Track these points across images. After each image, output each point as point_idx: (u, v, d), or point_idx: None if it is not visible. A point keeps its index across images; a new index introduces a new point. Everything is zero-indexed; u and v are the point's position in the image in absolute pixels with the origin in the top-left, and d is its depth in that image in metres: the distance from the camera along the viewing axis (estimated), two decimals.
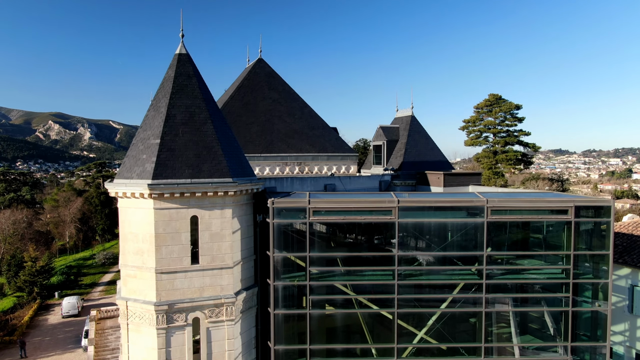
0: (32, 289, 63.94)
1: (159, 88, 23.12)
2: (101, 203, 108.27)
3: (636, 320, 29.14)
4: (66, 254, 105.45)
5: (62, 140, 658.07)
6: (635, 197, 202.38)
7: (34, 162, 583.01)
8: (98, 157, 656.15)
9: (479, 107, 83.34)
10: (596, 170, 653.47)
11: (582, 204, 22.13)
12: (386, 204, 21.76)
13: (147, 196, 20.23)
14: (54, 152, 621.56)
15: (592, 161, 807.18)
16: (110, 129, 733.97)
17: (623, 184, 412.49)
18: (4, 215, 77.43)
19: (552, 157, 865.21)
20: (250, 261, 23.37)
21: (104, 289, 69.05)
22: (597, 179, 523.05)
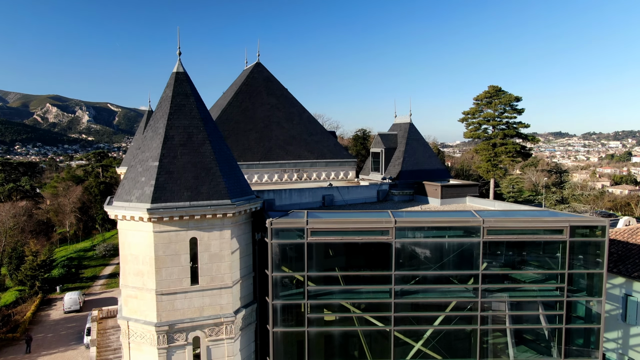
0: (33, 283, 64.51)
1: (156, 107, 23.11)
2: (100, 193, 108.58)
3: (629, 329, 29.63)
4: (66, 244, 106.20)
5: (61, 123, 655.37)
6: (634, 183, 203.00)
7: (32, 145, 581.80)
8: (97, 140, 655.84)
9: (478, 99, 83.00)
10: (596, 153, 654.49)
11: (577, 224, 22.36)
12: (383, 224, 21.97)
13: (147, 220, 20.40)
14: (52, 135, 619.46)
15: (592, 144, 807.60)
16: (109, 112, 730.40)
17: (622, 168, 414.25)
18: (4, 208, 77.65)
19: (551, 140, 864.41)
20: (249, 278, 23.68)
21: (105, 282, 69.68)
22: (596, 162, 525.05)
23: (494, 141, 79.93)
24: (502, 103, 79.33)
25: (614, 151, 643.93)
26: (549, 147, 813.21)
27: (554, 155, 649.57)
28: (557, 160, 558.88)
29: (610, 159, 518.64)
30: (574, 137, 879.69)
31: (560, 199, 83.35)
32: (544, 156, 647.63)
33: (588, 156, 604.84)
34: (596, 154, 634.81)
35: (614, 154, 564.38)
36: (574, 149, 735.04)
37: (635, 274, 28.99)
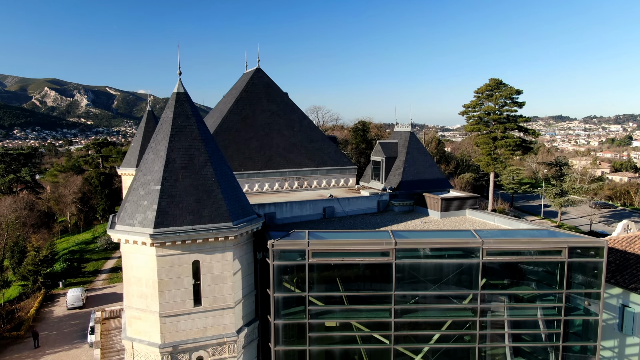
0: (36, 278, 65.10)
1: (157, 128, 23.12)
2: (101, 184, 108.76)
3: (625, 339, 30.08)
4: (68, 234, 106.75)
5: (59, 107, 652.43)
6: (634, 169, 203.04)
7: (31, 129, 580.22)
8: (96, 125, 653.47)
9: (479, 92, 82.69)
10: (596, 137, 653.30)
11: (575, 245, 22.59)
12: (384, 246, 22.20)
13: (149, 245, 20.60)
14: (50, 119, 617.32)
15: (593, 128, 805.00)
16: (107, 96, 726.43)
17: (622, 152, 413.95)
18: (5, 202, 77.90)
19: (552, 124, 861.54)
20: (251, 297, 23.99)
21: (107, 277, 70.27)
22: (596, 146, 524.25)
23: (494, 135, 79.85)
24: (503, 96, 79.07)
25: (615, 135, 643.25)
26: (550, 130, 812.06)
27: (554, 139, 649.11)
28: (558, 145, 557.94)
29: (611, 143, 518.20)
30: (575, 120, 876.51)
31: (559, 192, 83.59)
32: (544, 140, 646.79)
33: (588, 140, 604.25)
34: (597, 138, 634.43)
35: (615, 138, 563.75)
36: (575, 133, 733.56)
37: (632, 285, 29.31)
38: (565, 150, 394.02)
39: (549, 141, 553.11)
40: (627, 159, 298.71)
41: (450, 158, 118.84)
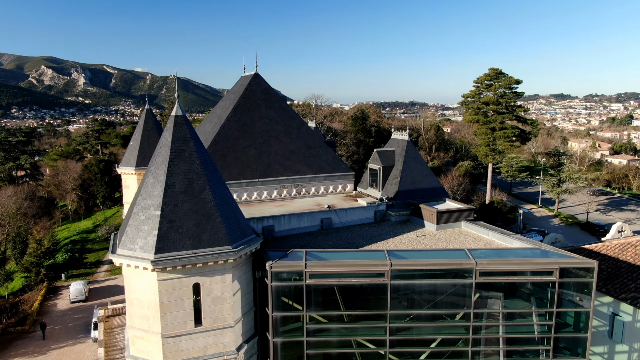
0: (39, 270, 66.02)
1: (156, 151, 23.39)
2: (100, 171, 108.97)
3: (614, 346, 30.97)
4: (68, 221, 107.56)
5: (56, 85, 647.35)
6: (633, 151, 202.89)
7: (29, 108, 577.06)
8: (94, 104, 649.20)
9: (478, 82, 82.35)
10: (597, 116, 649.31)
11: (566, 266, 23.15)
12: (379, 267, 22.74)
13: (151, 270, 21.12)
14: (48, 98, 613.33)
15: (594, 106, 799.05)
16: (105, 74, 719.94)
17: (623, 131, 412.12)
18: (6, 193, 78.34)
19: (553, 102, 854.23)
20: (251, 313, 24.65)
21: (109, 268, 71.19)
22: (597, 125, 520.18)
23: (493, 125, 79.86)
24: (502, 86, 78.79)
25: (616, 114, 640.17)
26: (550, 109, 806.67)
27: (555, 118, 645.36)
28: (558, 124, 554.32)
29: (611, 122, 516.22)
30: (576, 99, 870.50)
31: (557, 182, 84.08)
32: (544, 119, 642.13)
33: (589, 119, 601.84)
34: (597, 116, 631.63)
35: (615, 117, 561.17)
36: (575, 112, 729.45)
37: (622, 295, 30.01)
38: (565, 130, 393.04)
39: (550, 120, 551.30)
40: (627, 140, 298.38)
41: (450, 145, 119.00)
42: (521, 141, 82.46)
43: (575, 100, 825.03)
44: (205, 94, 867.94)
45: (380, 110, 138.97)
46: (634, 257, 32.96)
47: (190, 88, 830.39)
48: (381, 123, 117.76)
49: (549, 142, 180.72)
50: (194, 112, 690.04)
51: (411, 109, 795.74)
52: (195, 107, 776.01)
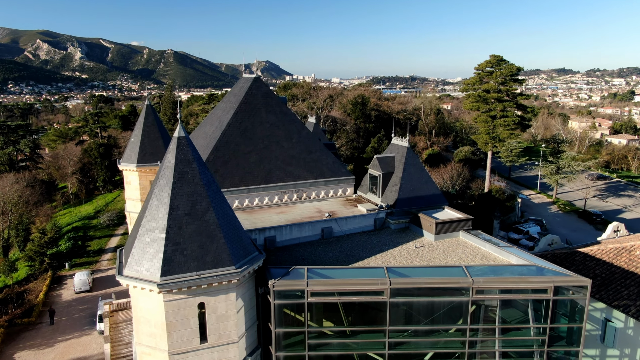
0: (42, 259, 67.01)
1: (159, 172, 23.71)
2: (100, 155, 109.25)
3: (606, 350, 31.99)
4: (69, 205, 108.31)
5: (53, 60, 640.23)
6: (633, 130, 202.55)
7: (25, 84, 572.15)
8: (91, 78, 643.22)
9: (479, 69, 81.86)
10: (598, 92, 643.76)
11: (561, 284, 23.81)
12: (379, 286, 23.41)
13: (157, 292, 21.75)
14: (44, 73, 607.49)
15: (595, 81, 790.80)
16: (102, 48, 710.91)
17: (624, 107, 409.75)
18: (7, 181, 78.73)
19: (554, 77, 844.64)
20: (254, 327, 25.42)
21: (111, 256, 72.21)
22: (598, 101, 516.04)
23: (494, 113, 79.77)
24: (503, 74, 78.39)
25: (617, 89, 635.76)
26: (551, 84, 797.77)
27: (556, 93, 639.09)
28: (559, 99, 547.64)
29: (613, 98, 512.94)
30: (578, 73, 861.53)
31: (556, 170, 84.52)
32: (545, 94, 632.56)
33: (590, 94, 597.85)
34: (599, 92, 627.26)
35: (617, 93, 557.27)
36: (577, 87, 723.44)
37: (615, 302, 30.85)
38: (566, 106, 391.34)
39: (551, 95, 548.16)
40: (628, 117, 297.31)
41: (450, 129, 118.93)
42: (521, 129, 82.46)
43: (577, 75, 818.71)
44: (204, 68, 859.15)
45: (380, 92, 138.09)
46: (628, 262, 33.67)
47: (188, 62, 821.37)
48: (381, 106, 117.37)
49: (549, 121, 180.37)
50: (192, 87, 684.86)
51: (411, 84, 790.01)
52: (194, 82, 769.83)
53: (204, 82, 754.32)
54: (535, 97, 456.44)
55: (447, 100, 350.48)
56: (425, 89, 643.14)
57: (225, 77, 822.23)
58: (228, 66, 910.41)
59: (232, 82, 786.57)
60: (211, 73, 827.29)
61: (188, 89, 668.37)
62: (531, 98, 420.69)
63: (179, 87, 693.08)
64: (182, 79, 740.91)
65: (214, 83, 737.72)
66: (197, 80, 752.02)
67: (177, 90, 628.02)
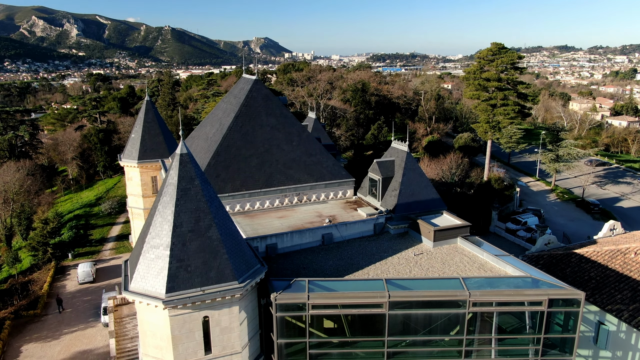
0: (46, 249, 67.81)
1: (162, 189, 24.04)
2: (100, 141, 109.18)
3: (599, 351, 32.92)
4: (70, 190, 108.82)
5: (49, 37, 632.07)
6: (634, 111, 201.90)
7: (22, 61, 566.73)
8: (88, 56, 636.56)
9: (480, 57, 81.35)
10: (600, 69, 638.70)
11: (555, 297, 24.47)
12: (378, 299, 24.05)
13: (162, 308, 22.38)
14: (41, 50, 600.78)
15: (598, 59, 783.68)
16: (98, 25, 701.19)
17: (625, 86, 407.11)
18: (9, 170, 78.98)
19: (556, 54, 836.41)
20: (257, 336, 26.16)
21: (114, 246, 73.04)
22: (600, 79, 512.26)
23: (494, 102, 79.60)
24: (504, 62, 77.96)
25: (620, 67, 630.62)
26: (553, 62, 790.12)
27: (558, 71, 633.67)
28: (561, 77, 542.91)
29: (615, 76, 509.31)
30: (580, 51, 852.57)
31: (555, 158, 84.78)
32: (547, 72, 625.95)
33: (592, 72, 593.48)
34: (601, 69, 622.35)
35: (619, 71, 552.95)
36: (579, 64, 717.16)
37: (608, 307, 31.62)
38: (567, 85, 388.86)
39: (552, 73, 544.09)
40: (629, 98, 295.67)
41: (450, 115, 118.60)
42: (522, 117, 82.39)
43: (579, 52, 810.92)
44: (202, 45, 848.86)
45: (380, 76, 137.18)
46: (622, 266, 34.33)
47: (186, 39, 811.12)
48: (381, 91, 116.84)
49: (550, 103, 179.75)
50: (190, 65, 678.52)
51: (412, 61, 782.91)
52: (192, 60, 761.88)
53: (203, 59, 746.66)
54: (536, 75, 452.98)
55: (448, 79, 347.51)
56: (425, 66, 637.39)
57: (223, 55, 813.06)
58: (226, 43, 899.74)
59: (230, 60, 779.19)
60: (209, 50, 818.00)
61: (186, 67, 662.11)
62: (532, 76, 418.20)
63: (177, 65, 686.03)
64: (180, 56, 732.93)
65: (212, 60, 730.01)
66: (196, 58, 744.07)
67: (175, 68, 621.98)
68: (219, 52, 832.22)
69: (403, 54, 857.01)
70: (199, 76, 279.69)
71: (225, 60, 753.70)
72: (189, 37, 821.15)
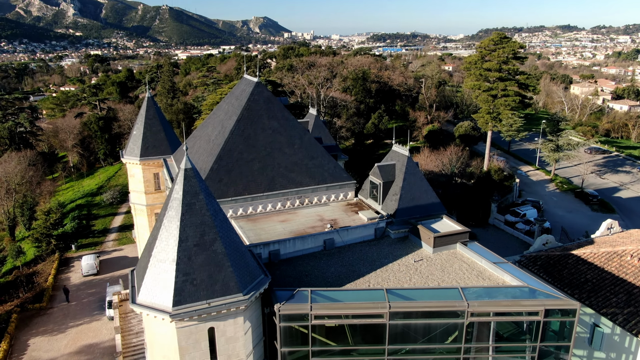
0: (49, 241, 68.55)
1: (167, 203, 24.44)
2: (100, 129, 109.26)
3: (593, 352, 33.80)
4: (71, 178, 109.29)
5: (45, 17, 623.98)
6: (635, 95, 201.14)
7: (18, 42, 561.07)
8: (85, 36, 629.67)
9: (482, 46, 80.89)
10: (603, 50, 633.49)
11: (551, 307, 25.12)
12: (379, 310, 24.70)
13: (169, 321, 23.02)
14: (37, 30, 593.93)
15: (601, 39, 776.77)
16: (95, 4, 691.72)
17: (628, 67, 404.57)
18: (10, 163, 79.24)
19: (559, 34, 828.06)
20: (260, 343, 26.89)
21: (116, 237, 73.80)
22: (602, 60, 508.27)
23: (494, 92, 79.46)
24: (506, 52, 77.61)
25: (622, 47, 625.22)
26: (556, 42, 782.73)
27: (560, 51, 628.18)
28: (563, 58, 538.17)
29: (617, 56, 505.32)
30: (583, 30, 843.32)
31: (555, 148, 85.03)
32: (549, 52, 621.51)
33: (595, 53, 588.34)
34: (603, 50, 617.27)
35: (622, 51, 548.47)
36: (581, 44, 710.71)
37: (603, 310, 32.34)
38: (569, 66, 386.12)
39: (554, 54, 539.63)
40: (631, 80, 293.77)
41: (450, 103, 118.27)
42: (522, 107, 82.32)
43: (582, 32, 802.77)
44: (200, 25, 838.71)
45: (380, 62, 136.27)
46: (618, 268, 34.97)
47: (184, 19, 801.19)
48: (382, 77, 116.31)
49: (551, 88, 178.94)
50: (189, 45, 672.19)
51: (412, 41, 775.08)
52: (190, 40, 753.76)
53: (201, 39, 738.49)
54: (538, 55, 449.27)
55: (449, 61, 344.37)
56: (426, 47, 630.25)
57: (222, 34, 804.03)
58: (225, 23, 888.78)
59: (229, 40, 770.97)
60: (208, 30, 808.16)
61: (185, 47, 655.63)
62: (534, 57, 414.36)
63: (176, 45, 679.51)
64: (178, 36, 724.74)
65: (210, 40, 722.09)
66: (194, 38, 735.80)
67: (174, 49, 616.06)
68: (218, 32, 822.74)
69: (404, 33, 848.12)
70: (198, 58, 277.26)
71: (224, 40, 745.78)
72: (187, 17, 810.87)
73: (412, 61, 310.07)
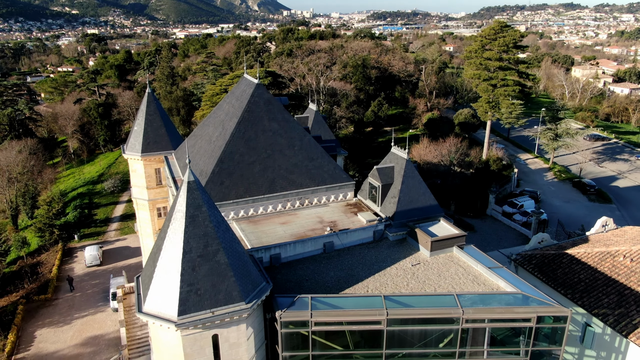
0: (52, 231, 69.46)
1: (171, 214, 25.04)
2: (100, 115, 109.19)
3: (584, 350, 34.90)
4: (72, 165, 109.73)
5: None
6: (637, 77, 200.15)
7: (14, 20, 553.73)
8: (81, 14, 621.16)
9: (483, 36, 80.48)
10: (606, 29, 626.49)
11: (543, 314, 26.04)
12: (377, 317, 25.59)
13: (175, 330, 23.88)
14: (33, 8, 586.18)
15: (604, 17, 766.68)
16: None
17: (630, 46, 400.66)
18: (11, 153, 79.57)
19: (561, 12, 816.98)
20: (262, 347, 27.84)
21: (118, 226, 74.71)
22: (605, 39, 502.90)
23: (494, 82, 79.40)
24: (506, 42, 77.30)
25: (625, 26, 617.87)
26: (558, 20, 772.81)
27: (562, 30, 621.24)
28: (565, 37, 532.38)
29: (620, 36, 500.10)
30: (586, 8, 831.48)
31: (554, 136, 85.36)
32: (551, 31, 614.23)
33: (597, 32, 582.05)
34: (606, 29, 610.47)
35: (624, 30, 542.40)
36: (584, 23, 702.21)
37: (595, 310, 33.31)
38: (571, 46, 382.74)
39: (556, 33, 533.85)
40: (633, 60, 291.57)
41: (450, 90, 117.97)
42: (522, 97, 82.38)
43: (585, 10, 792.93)
44: (198, 2, 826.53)
45: (381, 46, 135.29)
46: (611, 269, 35.82)
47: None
48: (382, 63, 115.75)
49: (552, 71, 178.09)
50: (186, 24, 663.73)
51: (413, 19, 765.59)
52: (188, 18, 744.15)
53: (199, 17, 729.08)
54: (540, 34, 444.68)
55: (450, 40, 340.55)
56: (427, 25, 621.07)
57: (220, 12, 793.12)
58: (223, 0, 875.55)
59: (227, 18, 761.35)
60: (206, 8, 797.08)
61: (182, 25, 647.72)
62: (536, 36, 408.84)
63: (173, 23, 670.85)
64: (176, 14, 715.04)
65: (209, 19, 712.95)
66: (192, 16, 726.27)
67: (172, 27, 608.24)
68: (216, 10, 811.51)
69: (404, 11, 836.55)
70: (196, 38, 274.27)
71: (222, 18, 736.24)
72: None
73: (412, 41, 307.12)
